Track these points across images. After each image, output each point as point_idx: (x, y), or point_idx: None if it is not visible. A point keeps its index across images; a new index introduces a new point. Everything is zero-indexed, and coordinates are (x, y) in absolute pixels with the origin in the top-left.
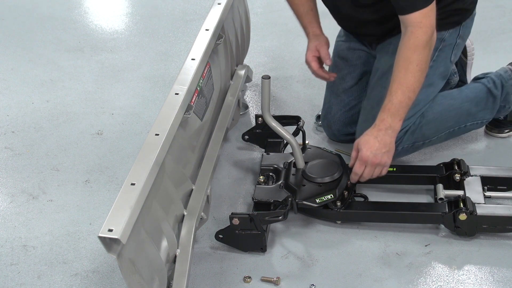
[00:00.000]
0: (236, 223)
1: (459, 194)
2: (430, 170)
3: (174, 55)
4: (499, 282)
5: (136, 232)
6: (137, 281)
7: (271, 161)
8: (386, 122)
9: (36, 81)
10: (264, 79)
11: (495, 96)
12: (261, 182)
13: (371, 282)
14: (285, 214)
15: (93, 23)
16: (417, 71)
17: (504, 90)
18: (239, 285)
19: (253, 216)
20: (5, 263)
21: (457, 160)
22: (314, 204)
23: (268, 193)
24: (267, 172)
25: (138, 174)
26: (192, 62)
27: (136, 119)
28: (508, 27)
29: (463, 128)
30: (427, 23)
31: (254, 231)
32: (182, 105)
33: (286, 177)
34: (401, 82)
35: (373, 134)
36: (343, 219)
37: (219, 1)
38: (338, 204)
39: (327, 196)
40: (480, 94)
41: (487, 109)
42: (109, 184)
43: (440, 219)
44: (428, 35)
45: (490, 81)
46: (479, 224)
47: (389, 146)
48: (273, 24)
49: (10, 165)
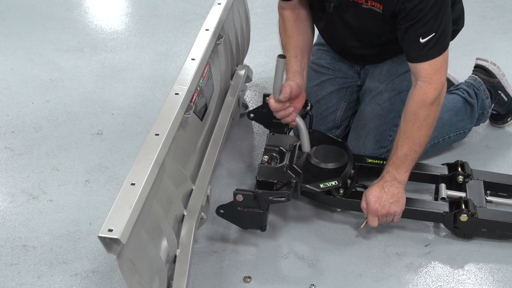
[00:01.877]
0: (240, 200)
1: (461, 195)
2: (433, 169)
3: (174, 55)
4: (499, 282)
5: (136, 232)
6: (137, 281)
7: (276, 142)
8: (391, 174)
9: (36, 81)
10: (279, 58)
11: (472, 104)
12: (265, 162)
13: (371, 282)
14: (289, 195)
15: (93, 23)
16: (424, 125)
17: (479, 97)
18: (239, 285)
19: (258, 194)
20: (5, 263)
21: (461, 162)
22: (317, 189)
23: (272, 173)
24: (271, 152)
25: (138, 174)
26: (192, 62)
27: (136, 119)
28: (508, 27)
29: (447, 139)
30: (438, 80)
31: (256, 210)
32: (182, 105)
33: (291, 159)
34: (407, 135)
35: (380, 186)
36: (344, 207)
37: (219, 1)
38: (341, 192)
39: (331, 182)
40: (457, 104)
41: (466, 119)
42: (109, 184)
43: (441, 218)
44: (437, 91)
45: (464, 92)
46: (478, 227)
47: (397, 196)
48: (273, 24)
49: (10, 165)
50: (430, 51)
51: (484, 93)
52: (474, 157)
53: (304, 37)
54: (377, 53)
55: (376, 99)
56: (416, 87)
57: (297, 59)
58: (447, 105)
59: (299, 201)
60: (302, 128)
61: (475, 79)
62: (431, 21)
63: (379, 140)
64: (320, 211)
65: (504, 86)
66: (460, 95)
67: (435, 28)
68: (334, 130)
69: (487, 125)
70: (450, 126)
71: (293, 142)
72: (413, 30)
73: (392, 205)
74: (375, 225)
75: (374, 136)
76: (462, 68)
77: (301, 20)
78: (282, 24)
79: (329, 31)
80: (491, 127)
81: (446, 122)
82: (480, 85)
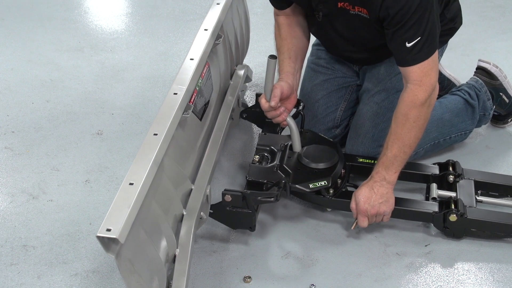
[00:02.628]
0: (228, 200)
1: (451, 195)
2: (424, 169)
3: (174, 55)
4: (499, 282)
5: (135, 232)
6: (136, 281)
7: (267, 142)
8: (380, 174)
9: (36, 81)
10: (270, 59)
11: (473, 106)
12: (256, 162)
13: (371, 282)
14: (277, 196)
15: (93, 23)
16: (414, 127)
17: (480, 99)
18: (239, 285)
19: (246, 194)
20: (5, 263)
21: (452, 162)
22: (307, 189)
23: (263, 173)
24: (262, 152)
25: (137, 174)
26: (191, 62)
27: (136, 119)
28: (508, 27)
29: (448, 139)
30: (427, 82)
31: (245, 210)
32: (180, 105)
33: (282, 159)
34: (397, 137)
35: (369, 186)
36: (334, 207)
37: (218, 1)
38: (331, 192)
39: (321, 182)
40: (458, 105)
41: (467, 120)
42: (109, 184)
43: (430, 218)
44: (427, 93)
45: (466, 93)
46: (468, 227)
47: (386, 196)
48: (273, 24)
49: (10, 165)
50: (417, 55)
51: (486, 95)
52: (475, 157)
53: (298, 41)
54: (372, 56)
55: (374, 98)
56: (406, 89)
57: (290, 61)
58: (448, 105)
59: (302, 202)
60: (293, 128)
61: (476, 81)
62: (416, 26)
63: (377, 139)
64: (321, 211)
65: (505, 88)
66: (461, 96)
67: (421, 32)
68: (334, 130)
69: (488, 125)
70: (451, 127)
71: (284, 142)
72: (399, 35)
73: (382, 205)
74: (365, 225)
75: (372, 134)
76: (462, 68)
77: (295, 26)
78: (277, 29)
79: (322, 37)
80: (491, 127)
81: (447, 122)
82: (482, 86)
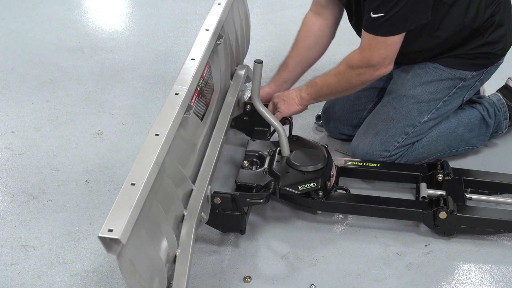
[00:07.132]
0: (218, 202)
1: (441, 193)
2: (413, 169)
3: (174, 55)
4: (499, 282)
5: (136, 232)
6: (137, 281)
7: (256, 147)
8: (302, 88)
9: (36, 81)
10: (256, 63)
11: (488, 124)
12: (245, 167)
13: (371, 282)
14: (267, 197)
15: (93, 23)
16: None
17: (497, 118)
18: (239, 285)
19: (235, 196)
20: (5, 263)
21: (441, 161)
22: (296, 191)
23: (251, 177)
24: (251, 157)
25: (138, 174)
26: (192, 62)
27: (136, 119)
28: None
29: (454, 152)
30: (367, 55)
31: (235, 212)
32: (182, 105)
33: (271, 163)
34: (327, 74)
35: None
36: (324, 209)
37: (219, 1)
38: (320, 194)
39: (310, 185)
40: (474, 120)
41: (479, 136)
42: (109, 184)
43: (420, 216)
44: (361, 63)
45: (484, 109)
46: (458, 224)
47: (292, 101)
48: (273, 24)
49: (10, 165)
50: (375, 26)
51: (504, 115)
52: (475, 157)
53: (307, 52)
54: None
55: (394, 102)
56: (355, 49)
57: (286, 68)
58: (463, 119)
59: None
60: (281, 133)
61: (499, 99)
62: (385, 2)
63: (385, 143)
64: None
65: None
66: (480, 111)
67: (386, 10)
68: (357, 129)
69: None
70: (461, 141)
71: (273, 147)
72: (368, 3)
73: (283, 102)
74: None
75: (381, 137)
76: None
77: (317, 31)
78: (301, 25)
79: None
80: None
81: (458, 137)
82: (502, 106)
